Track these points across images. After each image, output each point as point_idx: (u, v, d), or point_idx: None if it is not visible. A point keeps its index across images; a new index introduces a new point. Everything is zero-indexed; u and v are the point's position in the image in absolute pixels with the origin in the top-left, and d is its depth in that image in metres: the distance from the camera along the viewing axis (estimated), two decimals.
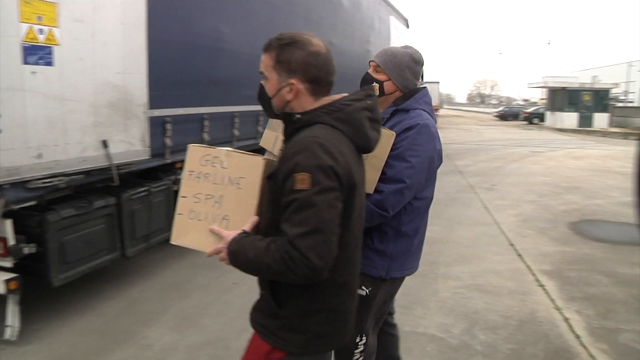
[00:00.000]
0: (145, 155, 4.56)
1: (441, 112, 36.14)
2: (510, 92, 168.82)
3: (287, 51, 1.72)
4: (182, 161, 5.25)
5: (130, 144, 4.38)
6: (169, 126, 4.92)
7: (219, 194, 1.95)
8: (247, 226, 1.79)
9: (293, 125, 1.76)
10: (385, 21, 13.95)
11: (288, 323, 1.77)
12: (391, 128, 2.40)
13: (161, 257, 5.72)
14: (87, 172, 4.03)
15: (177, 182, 5.17)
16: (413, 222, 2.54)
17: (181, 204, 2.03)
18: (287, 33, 1.77)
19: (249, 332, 1.93)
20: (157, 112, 4.76)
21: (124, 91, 4.28)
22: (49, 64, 3.71)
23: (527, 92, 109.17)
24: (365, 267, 2.45)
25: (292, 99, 1.76)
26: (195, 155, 2.03)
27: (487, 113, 64.21)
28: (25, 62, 3.55)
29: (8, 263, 3.77)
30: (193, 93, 5.40)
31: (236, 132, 6.29)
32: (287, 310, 1.76)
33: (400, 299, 4.86)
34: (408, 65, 2.55)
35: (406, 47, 2.62)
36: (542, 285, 5.27)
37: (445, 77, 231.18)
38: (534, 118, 40.34)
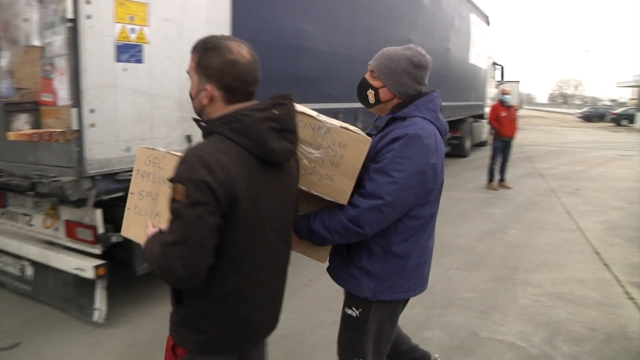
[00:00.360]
0: None
1: (521, 112, 34.95)
2: (596, 92, 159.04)
3: (207, 56, 1.73)
4: None
5: None
6: None
7: (155, 192, 2.08)
8: (164, 225, 1.76)
9: (201, 131, 1.78)
10: (465, 19, 13.56)
11: (185, 321, 1.82)
12: (382, 138, 2.20)
13: None
14: None
15: None
16: (406, 243, 2.28)
17: (129, 200, 2.18)
18: (214, 37, 1.78)
19: (323, 328, 1.91)
20: None
21: None
22: (139, 61, 3.88)
23: (616, 91, 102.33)
24: (350, 286, 2.36)
25: (206, 104, 1.77)
26: (142, 155, 2.16)
27: (570, 114, 61.50)
28: (118, 60, 3.73)
29: (97, 250, 3.99)
30: (273, 90, 5.38)
31: None
32: (184, 309, 1.81)
33: (478, 303, 4.70)
34: (406, 70, 2.27)
35: (407, 48, 2.32)
36: (632, 299, 4.91)
37: (526, 76, 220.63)
38: (622, 119, 37.98)
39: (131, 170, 3.79)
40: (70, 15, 3.50)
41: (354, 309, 2.39)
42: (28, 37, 4.55)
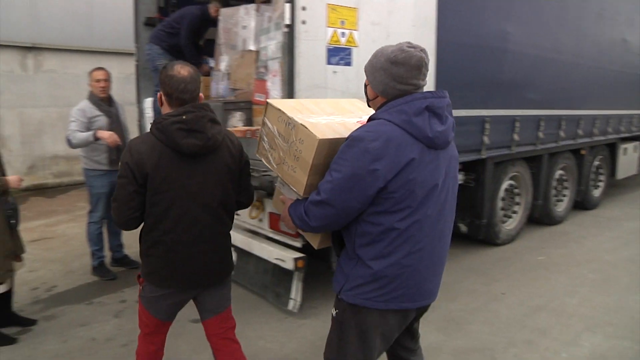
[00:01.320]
0: None
1: None
2: None
3: (161, 72, 2.52)
4: (460, 163, 5.13)
5: None
6: None
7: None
8: None
9: None
10: None
11: (140, 257, 2.66)
12: None
13: None
14: None
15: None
16: (370, 249, 2.16)
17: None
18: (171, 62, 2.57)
19: (516, 346, 1.77)
20: None
21: None
22: (348, 64, 4.00)
23: None
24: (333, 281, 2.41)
25: (161, 106, 2.56)
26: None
27: None
28: (329, 63, 3.89)
29: (298, 243, 4.20)
30: (475, 95, 5.28)
31: (515, 137, 5.96)
32: (141, 242, 2.63)
33: None
34: (382, 67, 2.14)
35: (398, 44, 2.18)
36: None
37: None
38: None
39: None
40: (287, 21, 3.74)
41: (334, 308, 2.40)
42: (245, 42, 4.97)
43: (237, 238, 4.74)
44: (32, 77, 9.89)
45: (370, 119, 2.19)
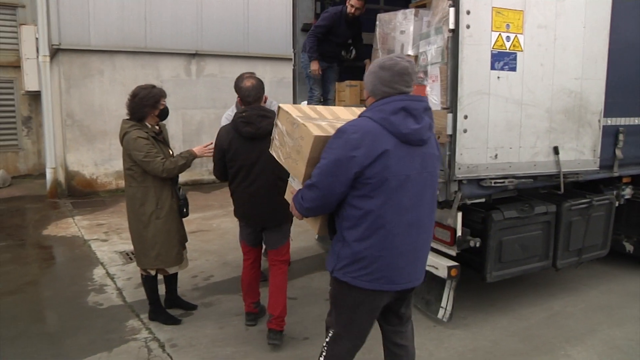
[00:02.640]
0: (593, 166, 4.31)
1: None
2: None
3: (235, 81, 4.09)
4: (629, 176, 4.76)
5: (580, 153, 4.20)
6: (621, 137, 4.56)
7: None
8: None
9: None
10: None
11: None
12: None
13: (586, 275, 5.36)
14: (535, 177, 4.07)
15: (619, 197, 4.74)
16: (354, 231, 2.54)
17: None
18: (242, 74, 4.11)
19: None
20: (611, 121, 4.45)
21: (579, 97, 4.13)
22: (513, 69, 3.86)
23: None
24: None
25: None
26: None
27: None
28: (492, 68, 3.79)
29: (452, 252, 4.12)
30: None
31: None
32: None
33: None
34: (373, 71, 2.56)
35: (389, 55, 2.83)
36: None
37: None
38: None
39: (496, 178, 3.89)
40: (451, 26, 3.68)
41: (330, 284, 2.77)
42: (403, 47, 4.97)
43: None
44: (194, 81, 10.82)
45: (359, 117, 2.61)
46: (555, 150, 4.04)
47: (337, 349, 2.79)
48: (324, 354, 2.81)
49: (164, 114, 4.20)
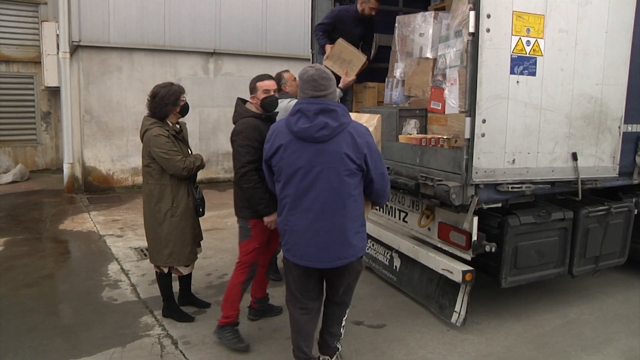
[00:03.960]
0: (612, 173, 4.26)
1: None
2: None
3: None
4: None
5: (599, 159, 4.15)
6: None
7: None
8: None
9: None
10: None
11: None
12: None
13: (603, 282, 5.29)
14: (552, 183, 4.03)
15: (638, 205, 4.68)
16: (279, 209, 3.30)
17: None
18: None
19: None
20: (631, 128, 4.40)
21: (599, 103, 4.08)
22: (532, 74, 3.82)
23: None
24: None
25: None
26: None
27: None
28: (512, 72, 3.75)
29: (467, 256, 4.09)
30: None
31: None
32: None
33: None
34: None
35: (308, 65, 3.30)
36: None
37: None
38: None
39: (514, 183, 3.86)
40: (471, 29, 3.65)
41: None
42: (422, 50, 4.98)
43: (403, 244, 4.78)
44: (212, 79, 10.88)
45: None
46: (574, 156, 4.00)
47: (291, 315, 3.51)
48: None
49: (185, 109, 4.24)
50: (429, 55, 4.87)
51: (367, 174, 3.10)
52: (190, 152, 4.30)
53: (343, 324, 3.62)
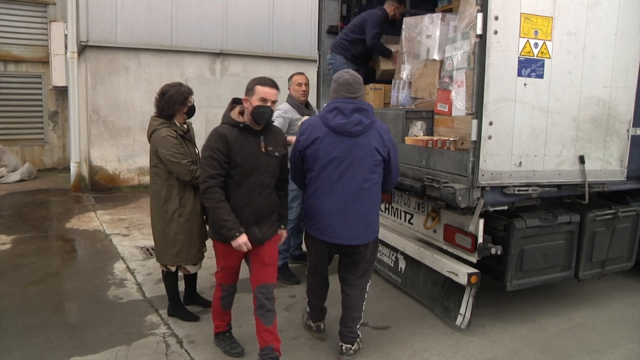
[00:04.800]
0: (620, 177, 4.24)
1: None
2: None
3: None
4: None
5: (607, 163, 4.14)
6: None
7: None
8: None
9: None
10: None
11: None
12: None
13: (609, 287, 5.27)
14: (559, 186, 4.01)
15: None
16: (307, 194, 3.77)
17: None
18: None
19: None
20: None
21: (608, 106, 4.07)
22: (540, 76, 3.81)
23: None
24: None
25: None
26: None
27: None
28: (519, 75, 3.74)
29: (472, 258, 4.08)
30: None
31: None
32: None
33: None
34: (333, 81, 3.76)
35: (343, 70, 3.76)
36: None
37: None
38: None
39: (520, 186, 3.85)
40: (479, 31, 3.65)
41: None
42: (429, 51, 4.97)
43: (408, 246, 4.77)
44: (218, 80, 10.91)
45: None
46: (581, 160, 3.99)
47: (307, 283, 4.15)
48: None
49: (191, 110, 4.25)
50: (436, 57, 4.86)
51: (388, 165, 3.62)
52: (197, 152, 4.31)
53: (363, 308, 3.92)
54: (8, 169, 11.81)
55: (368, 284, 3.91)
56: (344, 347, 3.82)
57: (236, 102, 3.62)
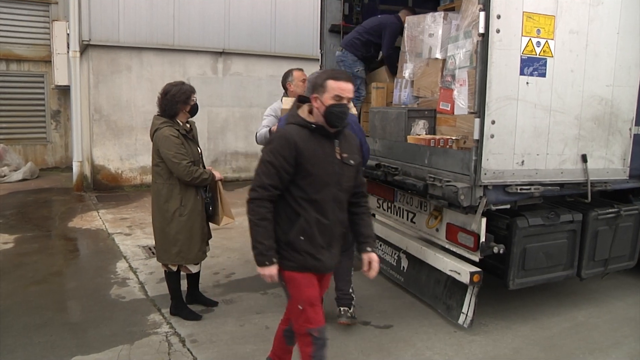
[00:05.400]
0: (622, 175, 4.23)
1: None
2: None
3: None
4: None
5: (609, 162, 4.13)
6: None
7: None
8: None
9: None
10: None
11: None
12: None
13: (612, 286, 5.26)
14: (561, 185, 4.01)
15: None
16: None
17: None
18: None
19: None
20: None
21: (610, 105, 4.06)
22: (542, 75, 3.81)
23: None
24: None
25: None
26: None
27: None
28: (522, 73, 3.73)
29: (475, 257, 4.08)
30: None
31: None
32: None
33: None
34: None
35: None
36: None
37: None
38: None
39: (522, 185, 3.85)
40: (481, 30, 3.64)
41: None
42: (431, 50, 4.96)
43: (411, 245, 4.77)
44: (220, 79, 10.92)
45: None
46: (584, 158, 3.98)
47: None
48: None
49: (194, 109, 4.25)
50: (438, 55, 4.86)
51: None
52: (199, 151, 4.32)
53: (352, 273, 4.38)
54: (10, 168, 11.84)
55: (354, 250, 4.01)
56: (341, 310, 4.23)
57: (302, 100, 2.98)
